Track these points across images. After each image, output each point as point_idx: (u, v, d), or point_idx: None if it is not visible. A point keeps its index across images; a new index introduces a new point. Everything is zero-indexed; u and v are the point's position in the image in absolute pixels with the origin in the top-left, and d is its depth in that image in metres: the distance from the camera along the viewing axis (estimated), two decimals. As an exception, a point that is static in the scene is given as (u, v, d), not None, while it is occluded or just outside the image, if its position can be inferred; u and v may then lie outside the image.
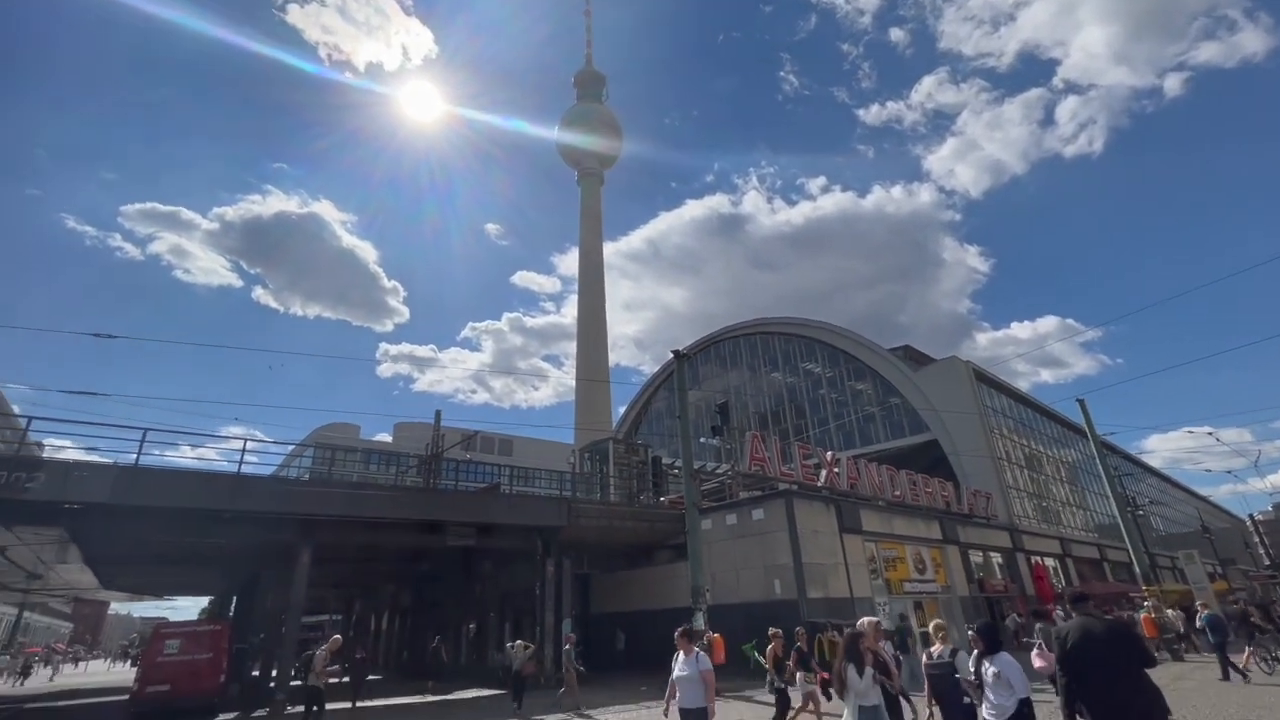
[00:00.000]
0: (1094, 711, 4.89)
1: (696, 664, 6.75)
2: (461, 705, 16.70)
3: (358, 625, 45.94)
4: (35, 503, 14.46)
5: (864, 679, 5.60)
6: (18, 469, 14.37)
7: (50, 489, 14.38)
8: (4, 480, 14.02)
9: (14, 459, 15.23)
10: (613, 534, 23.55)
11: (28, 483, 14.27)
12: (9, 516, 15.35)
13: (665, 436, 57.90)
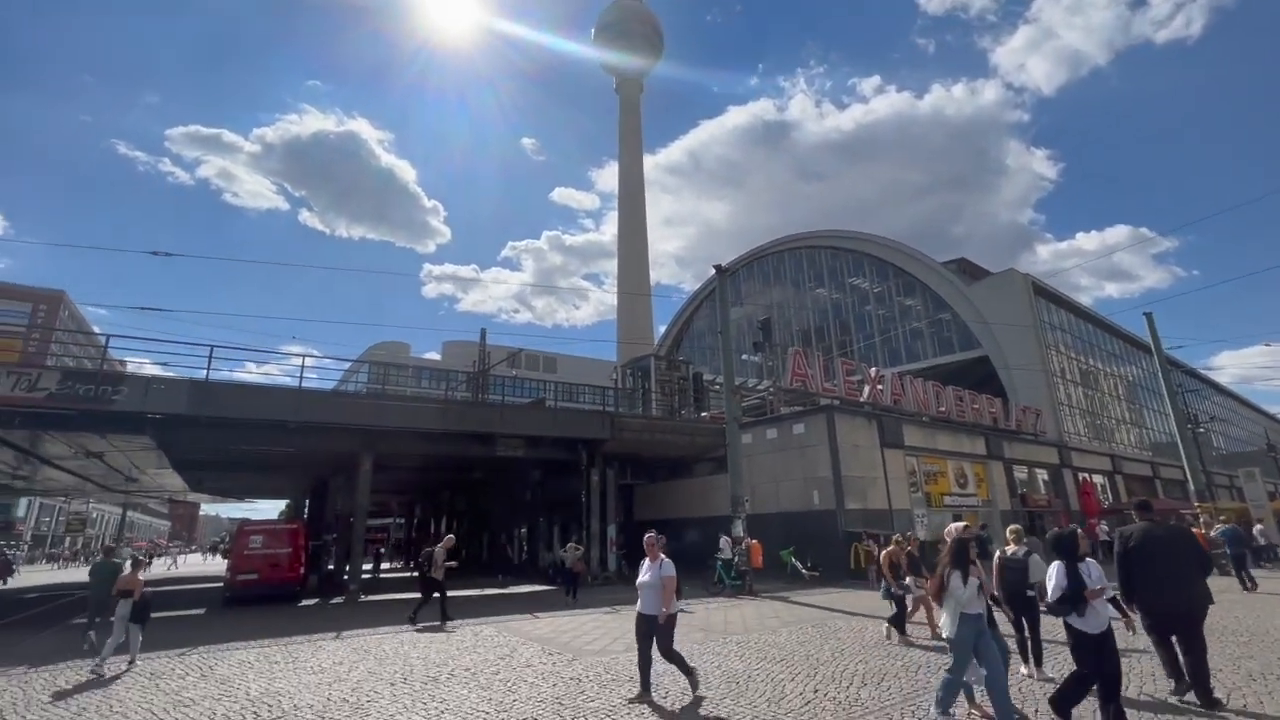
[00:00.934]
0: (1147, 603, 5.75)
1: (659, 570, 6.71)
2: (523, 596, 18.06)
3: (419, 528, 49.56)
4: (122, 413, 15.72)
5: (969, 587, 5.25)
6: (104, 383, 15.55)
7: (133, 401, 15.55)
8: (93, 393, 15.23)
9: (100, 373, 16.44)
10: (654, 447, 24.18)
11: (114, 395, 15.45)
12: (101, 425, 16.73)
13: (707, 353, 57.96)
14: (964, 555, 5.38)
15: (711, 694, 6.76)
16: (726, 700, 6.50)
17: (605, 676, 7.72)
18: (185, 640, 11.33)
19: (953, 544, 5.49)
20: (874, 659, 8.35)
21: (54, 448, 20.43)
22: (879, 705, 6.21)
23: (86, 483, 31.62)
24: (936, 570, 5.50)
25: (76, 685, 8.12)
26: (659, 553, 6.88)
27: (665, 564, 6.76)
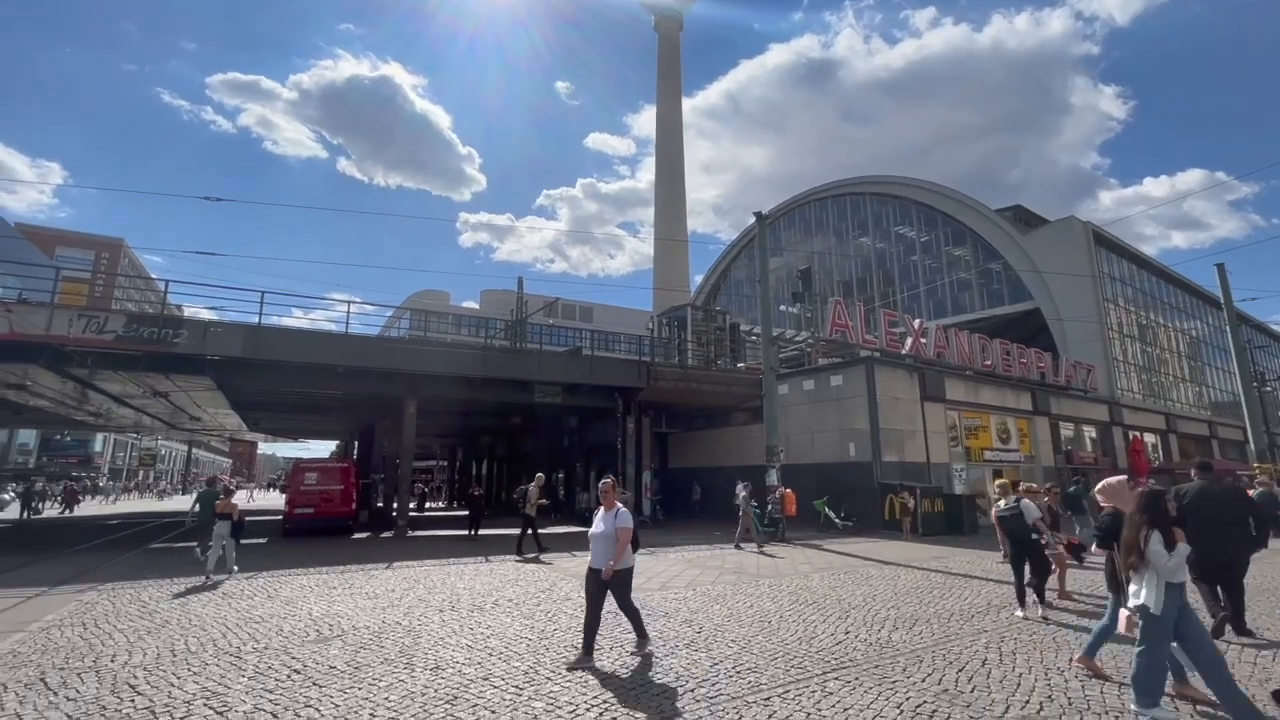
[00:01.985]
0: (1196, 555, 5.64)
1: (614, 520, 6.06)
2: (561, 536, 18.74)
3: (461, 470, 51.51)
4: (183, 356, 16.56)
5: (1176, 553, 4.22)
6: (165, 326, 16.34)
7: (193, 343, 16.32)
8: (156, 335, 16.03)
9: (161, 317, 17.25)
10: (690, 396, 24.31)
11: (174, 338, 16.24)
12: (164, 366, 17.66)
13: (744, 304, 57.21)
14: (1163, 513, 4.35)
15: (744, 632, 6.98)
16: (759, 638, 6.70)
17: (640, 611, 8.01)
18: (251, 565, 12.19)
19: (1145, 498, 4.43)
20: (905, 605, 8.45)
21: (125, 387, 21.72)
22: (910, 648, 6.32)
23: (155, 420, 33.67)
24: (1128, 532, 4.43)
25: (157, 600, 8.87)
26: (615, 500, 6.23)
27: (621, 513, 6.14)
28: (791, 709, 4.65)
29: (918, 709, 4.65)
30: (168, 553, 15.33)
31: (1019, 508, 8.07)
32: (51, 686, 5.20)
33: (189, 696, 4.95)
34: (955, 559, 13.31)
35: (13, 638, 6.85)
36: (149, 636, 6.82)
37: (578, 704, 4.72)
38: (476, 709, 4.64)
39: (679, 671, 5.52)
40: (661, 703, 4.76)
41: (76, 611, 8.13)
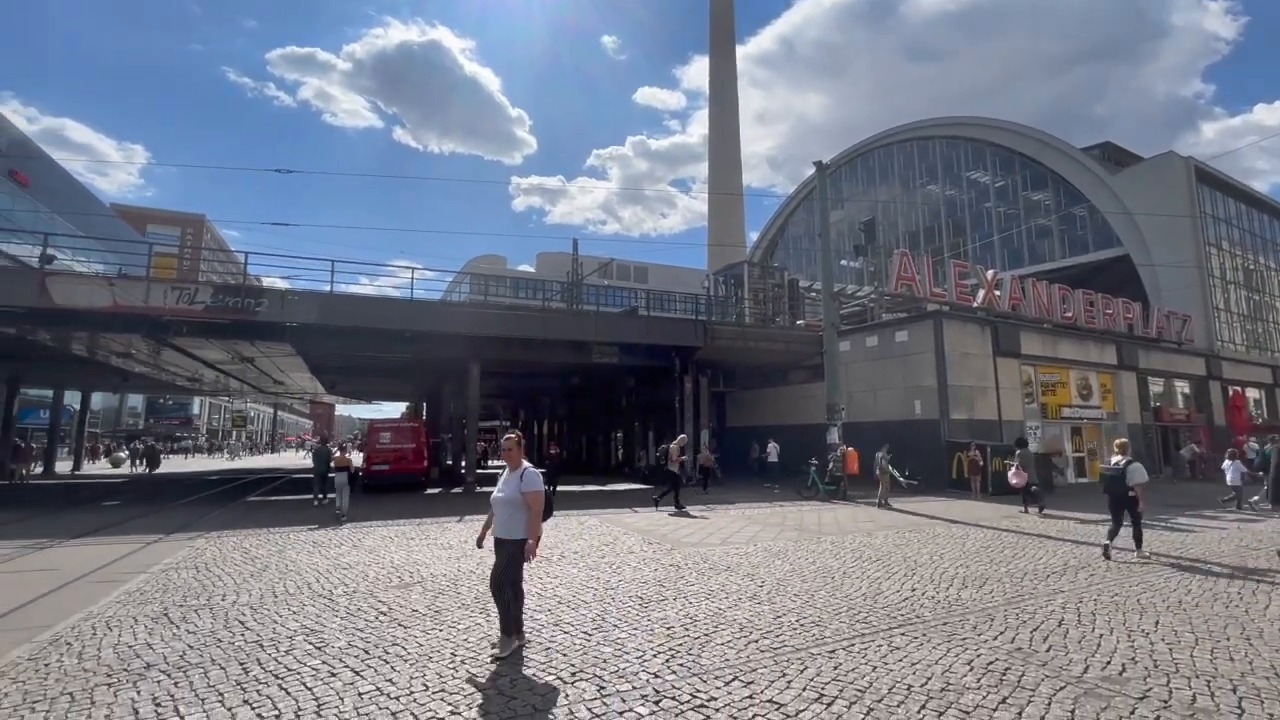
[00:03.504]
0: None
1: (519, 483, 4.97)
2: (622, 493, 19.20)
3: (524, 430, 53.21)
4: (265, 323, 17.57)
5: None
6: (248, 296, 17.36)
7: (273, 311, 17.28)
8: (240, 304, 17.06)
9: (244, 287, 18.34)
10: (748, 354, 24.03)
11: (256, 307, 17.23)
12: (249, 334, 18.83)
13: (802, 260, 55.55)
14: None
15: (807, 586, 7.00)
16: (822, 593, 6.71)
17: (703, 565, 8.16)
18: (332, 518, 13.09)
19: None
20: (975, 564, 8.24)
21: (215, 353, 23.35)
22: (980, 607, 6.18)
23: (244, 384, 36.17)
24: None
25: (257, 546, 9.68)
26: (520, 458, 5.14)
27: (528, 474, 5.04)
28: (856, 662, 4.66)
29: (989, 666, 4.57)
30: (263, 505, 16.66)
31: (1121, 469, 8.52)
32: (174, 621, 5.80)
33: (291, 633, 5.42)
34: (1028, 519, 12.85)
35: (138, 578, 7.64)
36: (252, 579, 7.47)
37: (645, 650, 4.89)
38: (549, 651, 4.88)
39: (742, 623, 5.61)
40: (726, 652, 4.86)
41: (189, 556, 8.98)
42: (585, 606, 6.19)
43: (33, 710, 3.89)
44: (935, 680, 4.30)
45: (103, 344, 20.97)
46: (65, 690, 4.20)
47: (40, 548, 9.91)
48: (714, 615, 5.87)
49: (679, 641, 5.10)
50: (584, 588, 6.97)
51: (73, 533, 11.39)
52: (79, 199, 39.29)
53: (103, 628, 5.60)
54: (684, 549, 9.37)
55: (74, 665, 4.68)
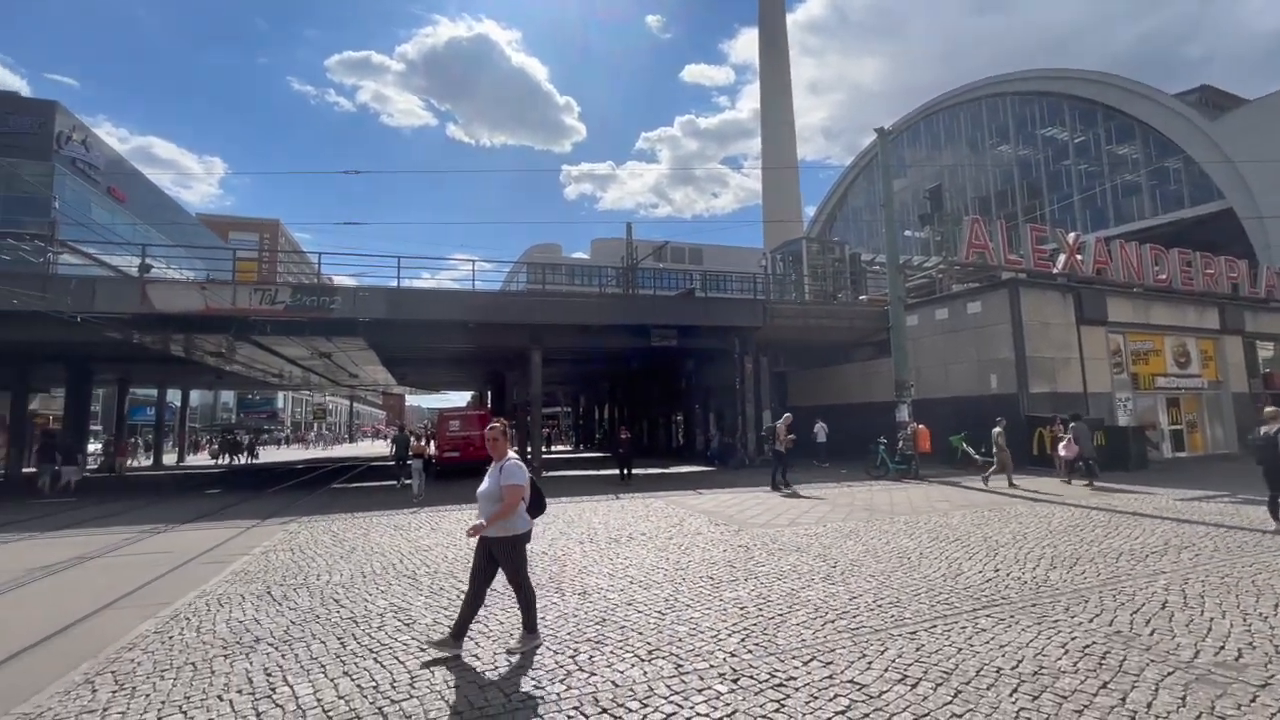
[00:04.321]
0: None
1: (499, 476, 4.70)
2: (685, 475, 19.27)
3: (585, 415, 54.04)
4: (338, 319, 18.47)
5: None
6: (323, 294, 18.29)
7: (346, 308, 18.14)
8: (316, 303, 18.00)
9: (319, 286, 19.34)
10: (809, 333, 23.49)
11: (331, 304, 18.14)
12: (325, 330, 19.88)
13: (863, 233, 53.62)
14: None
15: (882, 567, 6.82)
16: (898, 573, 6.53)
17: (772, 546, 8.09)
18: (409, 503, 13.72)
19: None
20: (1064, 544, 7.82)
21: (295, 350, 24.78)
22: (1072, 588, 5.86)
23: (322, 378, 38.29)
24: None
25: (344, 530, 10.28)
26: (506, 448, 4.84)
27: (508, 466, 4.72)
28: (940, 643, 4.51)
29: (1086, 649, 4.33)
30: (345, 492, 17.65)
31: (1273, 437, 8.26)
32: (276, 598, 6.24)
33: (380, 610, 5.73)
34: (1120, 496, 12.07)
35: (242, 559, 8.26)
36: (342, 561, 7.94)
37: (719, 629, 4.90)
38: (624, 630, 4.96)
39: (817, 604, 5.54)
40: (802, 632, 4.81)
41: (284, 539, 9.63)
42: (657, 587, 6.25)
43: (162, 678, 4.28)
44: (1027, 663, 4.11)
45: (198, 344, 22.62)
46: (189, 660, 4.60)
47: (156, 532, 10.86)
48: (787, 596, 5.81)
49: (753, 621, 5.09)
50: (654, 569, 7.04)
51: (182, 519, 12.42)
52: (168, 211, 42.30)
53: (215, 604, 6.09)
54: (751, 530, 9.32)
55: (193, 638, 5.11)
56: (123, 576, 7.55)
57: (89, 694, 4.06)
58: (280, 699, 3.88)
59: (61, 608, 6.18)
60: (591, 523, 10.38)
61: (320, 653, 4.67)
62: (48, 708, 3.87)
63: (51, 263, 20.87)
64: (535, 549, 8.28)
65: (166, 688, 4.11)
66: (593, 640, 4.76)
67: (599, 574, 6.85)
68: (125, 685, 4.18)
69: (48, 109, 33.98)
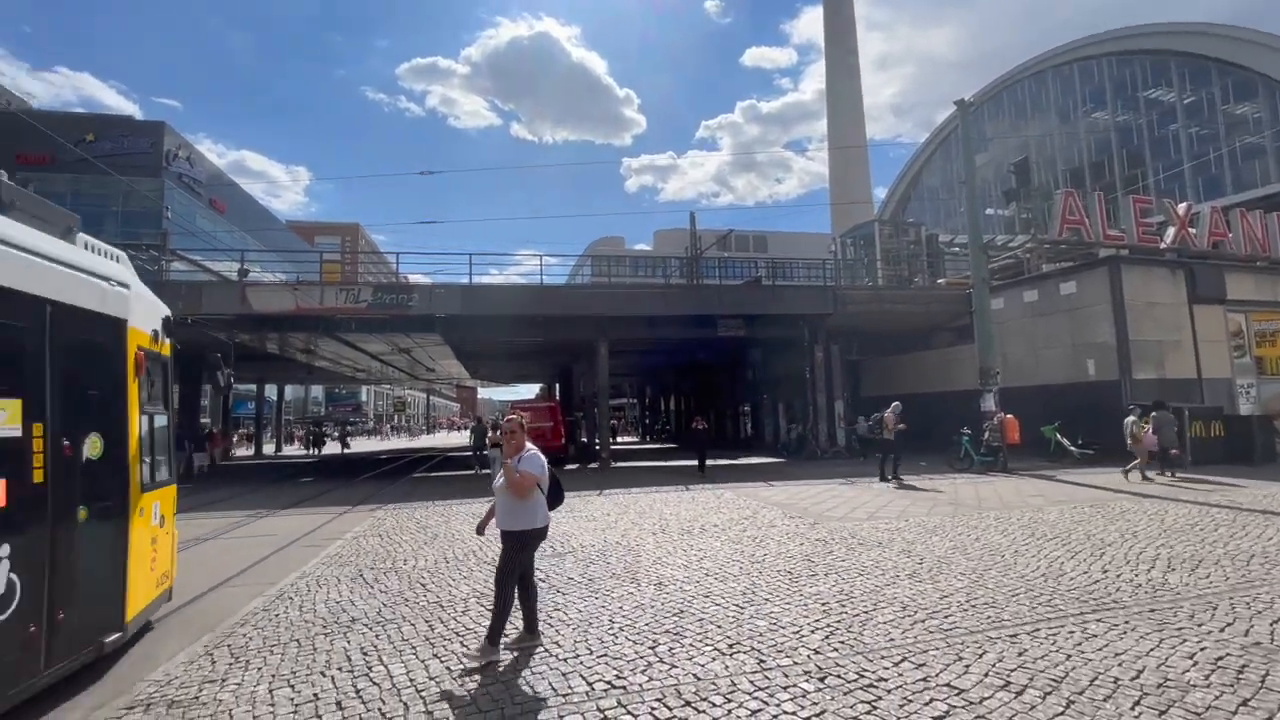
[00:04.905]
0: None
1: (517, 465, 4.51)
2: (755, 466, 19.01)
3: (651, 407, 54.27)
4: (416, 316, 19.27)
5: None
6: (401, 292, 19.13)
7: (423, 305, 18.90)
8: (395, 301, 18.85)
9: (397, 285, 20.24)
10: (883, 319, 22.55)
11: (409, 302, 18.95)
12: (404, 327, 20.80)
13: (939, 214, 50.98)
14: None
15: (973, 565, 6.45)
16: (991, 572, 6.15)
17: (851, 540, 7.81)
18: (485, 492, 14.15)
19: None
20: (1181, 544, 7.14)
21: (377, 346, 26.08)
22: (1196, 593, 5.33)
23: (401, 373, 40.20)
24: None
25: (427, 517, 10.73)
26: (524, 442, 4.63)
27: (526, 457, 4.55)
28: (1045, 648, 4.20)
29: (1219, 661, 3.92)
30: (426, 480, 18.46)
31: None
32: (368, 581, 6.57)
33: (464, 595, 5.93)
34: (1244, 493, 10.93)
35: (336, 543, 8.77)
36: (426, 546, 8.28)
37: (801, 625, 4.76)
38: (703, 622, 4.91)
39: (904, 602, 5.29)
40: (890, 631, 4.60)
41: (373, 525, 10.16)
42: (733, 579, 6.15)
43: (271, 653, 4.59)
44: (1149, 674, 3.76)
45: (290, 341, 24.19)
46: (294, 637, 4.91)
47: (259, 517, 11.72)
48: (871, 592, 5.58)
49: (836, 618, 4.91)
50: (729, 561, 6.94)
51: (282, 504, 13.34)
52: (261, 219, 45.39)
53: (314, 585, 6.48)
54: (828, 523, 9.04)
55: (297, 616, 5.45)
56: (235, 557, 8.17)
57: (209, 665, 4.39)
58: (377, 677, 4.06)
59: (185, 585, 6.74)
60: (663, 514, 10.37)
61: (410, 634, 4.86)
62: (175, 676, 4.21)
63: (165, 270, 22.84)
64: (609, 539, 8.36)
65: (275, 662, 4.40)
66: (671, 632, 4.73)
67: (673, 565, 6.82)
68: (240, 658, 4.50)
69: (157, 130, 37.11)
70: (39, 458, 3.87)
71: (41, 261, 4.04)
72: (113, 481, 4.63)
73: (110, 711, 3.72)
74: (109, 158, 32.01)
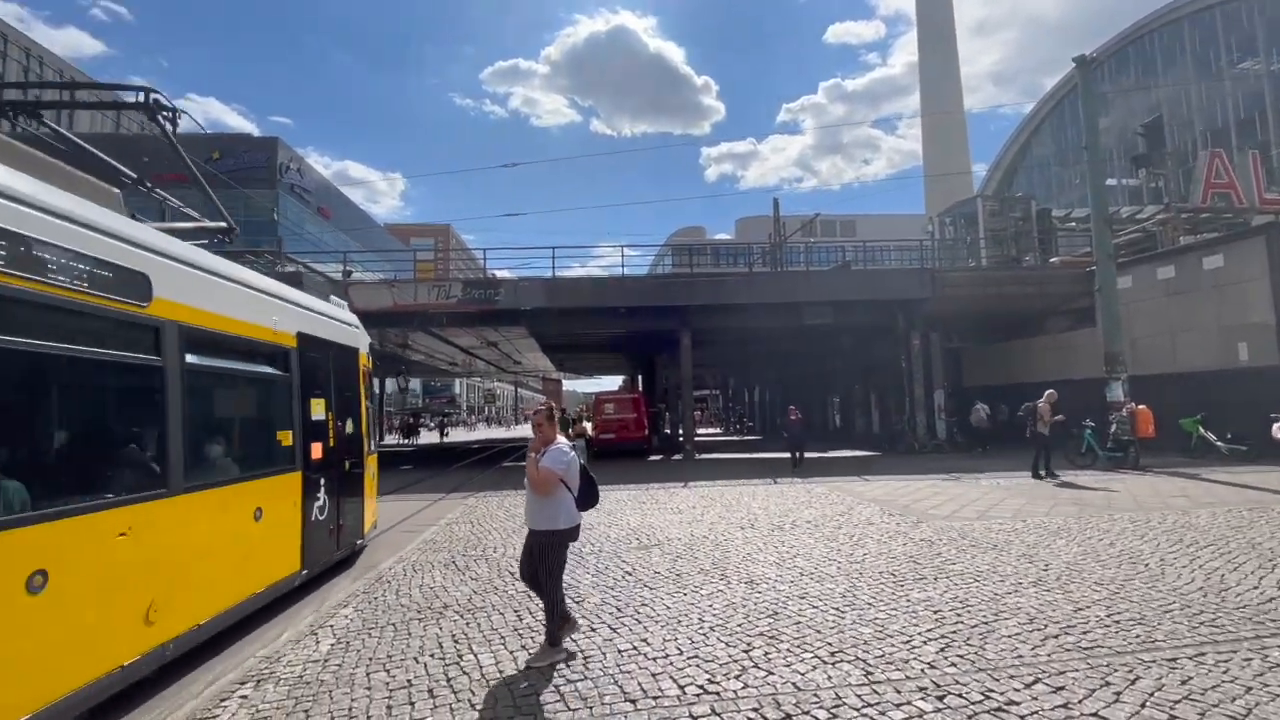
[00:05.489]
0: None
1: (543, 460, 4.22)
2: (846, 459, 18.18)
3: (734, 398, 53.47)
4: (503, 310, 19.80)
5: None
6: (488, 287, 19.72)
7: (509, 299, 19.39)
8: (483, 295, 19.46)
9: (485, 281, 20.88)
10: (988, 302, 20.84)
11: (496, 296, 19.50)
12: (492, 321, 21.44)
13: (1051, 187, 46.72)
14: None
15: (1111, 574, 5.69)
16: (1134, 583, 5.39)
17: (961, 541, 7.16)
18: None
19: None
20: (1380, 558, 6.00)
21: (467, 340, 27.13)
22: None
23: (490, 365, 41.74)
24: None
25: (516, 505, 10.94)
26: (554, 434, 4.36)
27: (552, 451, 4.26)
28: (1215, 677, 3.57)
29: None
30: (514, 470, 18.97)
31: None
32: (459, 568, 6.70)
33: (551, 585, 5.89)
34: None
35: (430, 529, 9.08)
36: (515, 535, 8.38)
37: (911, 634, 4.33)
38: (800, 626, 4.58)
39: (1031, 613, 4.71)
40: (1017, 647, 4.08)
41: (464, 512, 10.47)
42: (831, 580, 5.76)
43: (369, 635, 4.71)
44: (1364, 719, 3.08)
45: (389, 336, 25.61)
46: (390, 621, 5.03)
47: (363, 502, 12.40)
48: (990, 601, 5.03)
49: (951, 629, 4.44)
50: (825, 560, 6.52)
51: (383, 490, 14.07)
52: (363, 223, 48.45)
53: (411, 570, 6.69)
54: (933, 522, 8.37)
55: (394, 600, 5.61)
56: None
57: (314, 644, 4.57)
58: (467, 666, 4.05)
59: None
60: (751, 507, 10.02)
61: (500, 624, 4.86)
62: (282, 653, 4.41)
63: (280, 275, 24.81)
64: (696, 533, 8.13)
65: (373, 645, 4.50)
66: (766, 635, 4.43)
67: (764, 562, 6.50)
68: (341, 640, 4.65)
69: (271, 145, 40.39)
70: (332, 432, 6.79)
71: (331, 321, 7.17)
72: (359, 447, 7.66)
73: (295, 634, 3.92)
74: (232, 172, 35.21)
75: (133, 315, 3.93)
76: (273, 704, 3.63)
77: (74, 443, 3.85)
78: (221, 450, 4.99)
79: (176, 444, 4.21)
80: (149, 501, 3.95)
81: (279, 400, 5.85)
